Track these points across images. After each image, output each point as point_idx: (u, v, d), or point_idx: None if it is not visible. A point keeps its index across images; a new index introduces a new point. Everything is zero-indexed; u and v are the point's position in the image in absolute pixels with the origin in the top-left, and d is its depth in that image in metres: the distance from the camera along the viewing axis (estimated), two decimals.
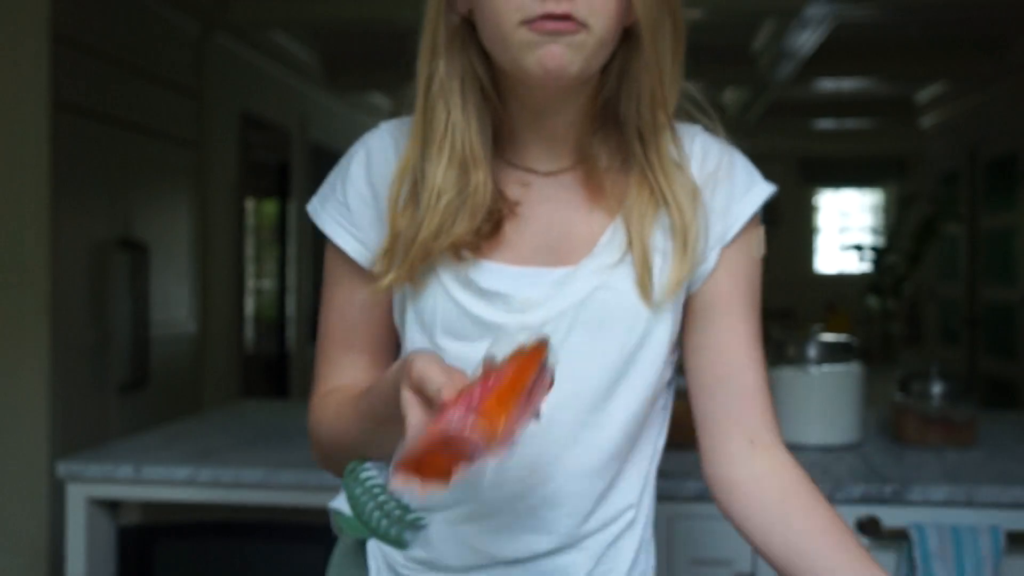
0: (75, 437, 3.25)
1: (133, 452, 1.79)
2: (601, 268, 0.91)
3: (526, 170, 0.94)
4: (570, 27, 0.82)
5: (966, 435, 1.87)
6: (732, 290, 0.94)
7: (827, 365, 1.85)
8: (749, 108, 7.02)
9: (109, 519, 1.74)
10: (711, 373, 0.95)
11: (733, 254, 0.94)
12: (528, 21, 0.82)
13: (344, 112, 6.51)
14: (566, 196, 0.94)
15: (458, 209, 0.88)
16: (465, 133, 0.89)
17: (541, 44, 0.82)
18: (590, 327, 0.91)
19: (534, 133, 0.93)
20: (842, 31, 4.85)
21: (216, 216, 4.49)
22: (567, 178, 0.94)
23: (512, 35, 0.83)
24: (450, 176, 0.88)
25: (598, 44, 0.84)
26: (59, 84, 3.18)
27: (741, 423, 0.93)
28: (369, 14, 4.47)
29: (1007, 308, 5.59)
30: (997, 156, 5.78)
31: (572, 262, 0.91)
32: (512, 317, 0.90)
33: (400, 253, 0.89)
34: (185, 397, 4.22)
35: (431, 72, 0.90)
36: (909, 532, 1.52)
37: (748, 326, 0.95)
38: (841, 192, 8.98)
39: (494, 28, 0.84)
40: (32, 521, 3.14)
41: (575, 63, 0.83)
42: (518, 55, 0.84)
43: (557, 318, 0.90)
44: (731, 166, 0.97)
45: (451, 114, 0.89)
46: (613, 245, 0.92)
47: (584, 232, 0.92)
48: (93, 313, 3.45)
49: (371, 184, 0.95)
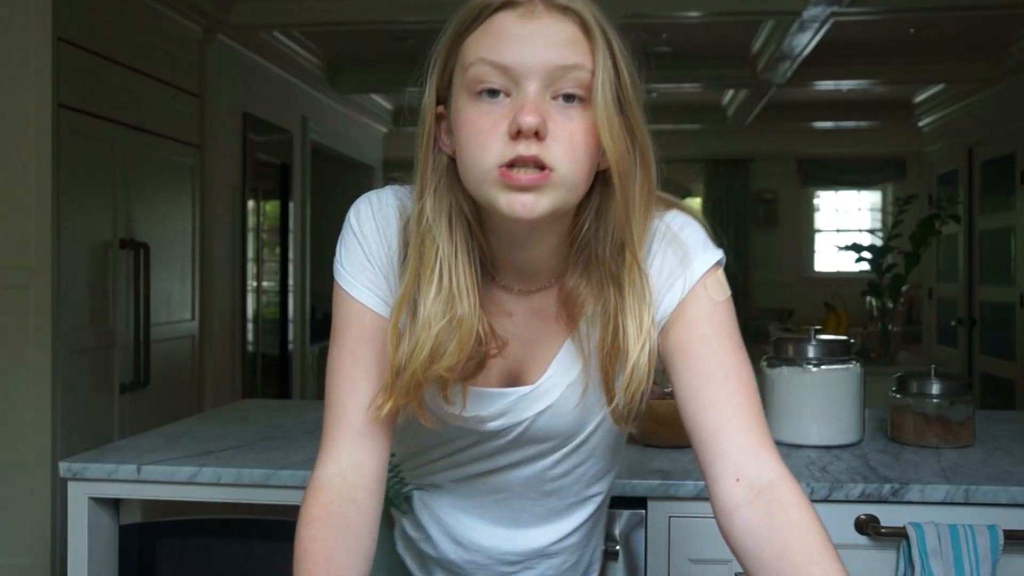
0: (77, 437, 3.26)
1: (135, 452, 1.80)
2: (552, 387, 1.02)
3: (510, 293, 1.01)
4: (536, 181, 0.88)
5: (964, 434, 1.88)
6: (692, 338, 0.98)
7: (826, 365, 1.86)
8: (749, 108, 7.03)
9: (111, 518, 1.75)
10: (685, 415, 0.97)
11: (689, 306, 0.98)
12: (502, 165, 0.88)
13: (345, 113, 6.52)
14: (537, 315, 1.02)
15: (447, 339, 0.94)
16: (453, 266, 0.95)
17: (513, 191, 0.88)
18: (539, 436, 1.04)
19: (513, 262, 1.00)
20: (841, 32, 4.86)
21: (217, 216, 4.49)
22: (540, 296, 1.01)
23: (487, 176, 0.89)
24: (438, 307, 0.94)
25: (566, 187, 0.90)
26: (62, 85, 3.19)
27: (721, 459, 0.93)
28: (369, 15, 4.48)
29: (1005, 308, 5.60)
30: (995, 156, 5.79)
31: (531, 381, 1.02)
32: (475, 425, 1.03)
33: (398, 381, 0.96)
34: (186, 397, 4.23)
35: (421, 208, 0.96)
36: (907, 531, 1.53)
37: (716, 365, 0.97)
38: (840, 192, 8.99)
39: (471, 169, 0.90)
40: (35, 520, 3.14)
41: (543, 205, 0.89)
42: (491, 196, 0.90)
43: (512, 427, 1.03)
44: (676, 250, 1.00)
45: (440, 248, 0.95)
46: (566, 363, 1.01)
47: (544, 351, 1.02)
48: (95, 313, 3.46)
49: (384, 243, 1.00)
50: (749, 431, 0.94)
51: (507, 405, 1.02)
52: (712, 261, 1.00)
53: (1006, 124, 5.60)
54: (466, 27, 0.92)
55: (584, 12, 0.90)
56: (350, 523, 0.96)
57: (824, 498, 1.57)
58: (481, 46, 0.90)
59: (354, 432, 0.99)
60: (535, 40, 0.89)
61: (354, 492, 0.98)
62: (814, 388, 1.86)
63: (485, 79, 0.89)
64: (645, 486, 1.59)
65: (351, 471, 0.98)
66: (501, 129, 0.88)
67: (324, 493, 0.97)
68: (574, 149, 0.89)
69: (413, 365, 0.94)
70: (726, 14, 4.50)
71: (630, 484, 1.59)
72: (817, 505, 1.55)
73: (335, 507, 0.96)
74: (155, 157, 3.92)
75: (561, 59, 0.88)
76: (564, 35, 0.89)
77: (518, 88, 0.89)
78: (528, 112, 0.87)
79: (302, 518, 0.96)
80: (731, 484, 0.92)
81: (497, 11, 0.91)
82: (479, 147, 0.89)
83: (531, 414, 1.03)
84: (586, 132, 0.90)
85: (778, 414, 1.89)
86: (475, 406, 1.01)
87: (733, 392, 0.95)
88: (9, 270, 3.15)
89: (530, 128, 0.86)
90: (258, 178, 5.02)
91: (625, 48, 0.93)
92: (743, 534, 0.90)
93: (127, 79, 3.67)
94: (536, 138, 0.87)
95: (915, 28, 5.18)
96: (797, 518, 0.89)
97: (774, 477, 0.91)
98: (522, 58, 0.88)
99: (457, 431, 1.05)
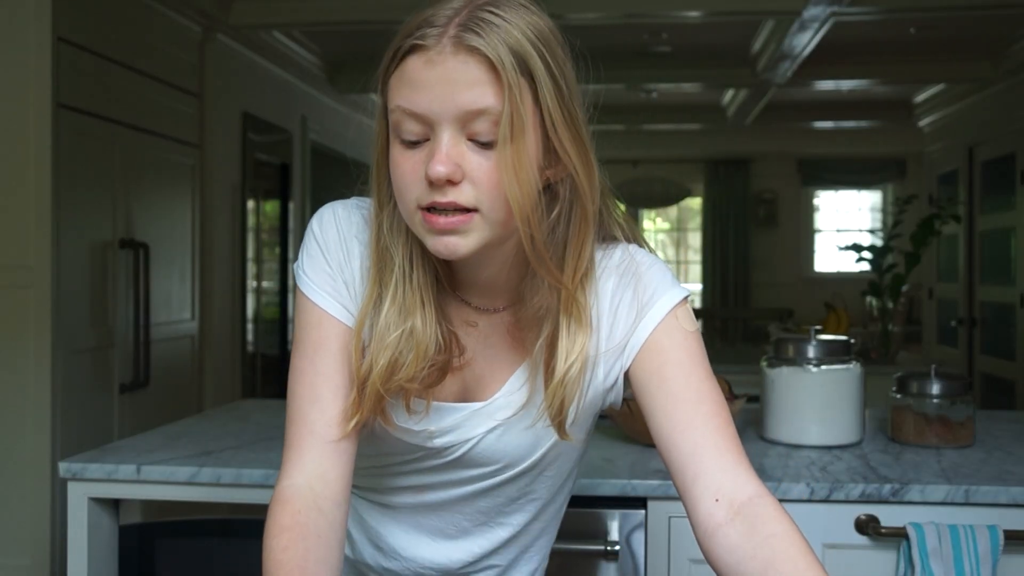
0: (77, 437, 3.26)
1: (134, 452, 1.79)
2: (504, 406, 1.01)
3: (471, 307, 1.02)
4: (456, 223, 0.88)
5: (964, 434, 1.88)
6: (666, 363, 0.98)
7: (826, 365, 1.86)
8: (749, 108, 7.03)
9: (110, 518, 1.75)
10: (660, 439, 0.97)
11: (662, 336, 0.99)
12: (422, 207, 0.89)
13: (344, 112, 6.52)
14: (496, 334, 1.02)
15: (404, 352, 0.95)
16: (409, 279, 0.96)
17: (436, 233, 0.90)
18: (482, 458, 1.03)
19: (471, 279, 1.01)
20: (841, 32, 4.86)
21: (217, 216, 4.49)
22: (499, 317, 1.02)
23: (412, 216, 0.91)
24: (392, 319, 0.95)
25: (491, 224, 0.90)
26: (61, 85, 3.19)
27: (701, 480, 0.93)
28: (369, 15, 4.48)
29: (1005, 308, 5.60)
30: (995, 156, 5.79)
31: (483, 398, 1.02)
32: (422, 440, 1.02)
33: (361, 395, 0.96)
34: (186, 397, 4.23)
35: (379, 223, 0.98)
36: (908, 531, 1.53)
37: (689, 389, 0.97)
38: (840, 192, 8.99)
39: (402, 208, 0.93)
40: (35, 520, 3.14)
41: (466, 245, 0.90)
42: (419, 234, 0.92)
43: (459, 444, 1.02)
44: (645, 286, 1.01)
45: (398, 261, 0.96)
46: (518, 385, 1.01)
47: (499, 371, 1.02)
48: (95, 313, 3.46)
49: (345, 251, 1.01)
50: (727, 451, 0.94)
51: (457, 420, 1.01)
52: (681, 296, 1.01)
53: (1006, 124, 5.60)
54: (387, 69, 0.92)
55: (492, 50, 0.86)
56: (320, 533, 0.94)
57: (824, 498, 1.57)
58: (397, 93, 0.90)
59: (318, 442, 0.98)
60: (443, 86, 0.86)
61: (321, 503, 0.96)
62: (814, 388, 1.86)
63: (403, 127, 0.89)
64: (645, 486, 1.59)
65: (317, 481, 0.97)
66: (420, 174, 0.89)
67: (292, 503, 0.95)
68: (492, 189, 0.88)
69: (373, 378, 0.95)
70: (726, 14, 4.50)
71: (630, 484, 1.59)
72: (817, 505, 1.57)
73: (304, 517, 0.94)
74: (155, 157, 3.92)
75: (468, 103, 0.86)
76: (470, 77, 0.86)
77: (434, 134, 0.88)
78: (438, 162, 0.87)
79: (270, 529, 0.95)
80: (711, 504, 0.91)
81: (407, 55, 0.89)
82: (402, 190, 0.91)
83: (480, 432, 1.01)
84: (495, 174, 0.88)
85: (778, 414, 1.89)
86: (423, 421, 1.00)
87: (709, 415, 0.95)
88: (9, 270, 3.15)
89: (439, 178, 0.87)
90: (258, 178, 5.02)
91: (561, 63, 0.90)
92: (726, 552, 0.89)
93: (127, 79, 3.67)
94: (450, 184, 0.87)
95: (915, 28, 5.18)
96: (781, 531, 0.88)
97: (753, 494, 0.91)
98: (431, 104, 0.87)
99: (401, 445, 1.03)
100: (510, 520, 1.10)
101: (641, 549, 1.60)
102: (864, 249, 4.23)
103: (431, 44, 0.87)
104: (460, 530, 1.10)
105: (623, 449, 1.83)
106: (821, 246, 8.90)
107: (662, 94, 6.91)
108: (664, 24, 4.99)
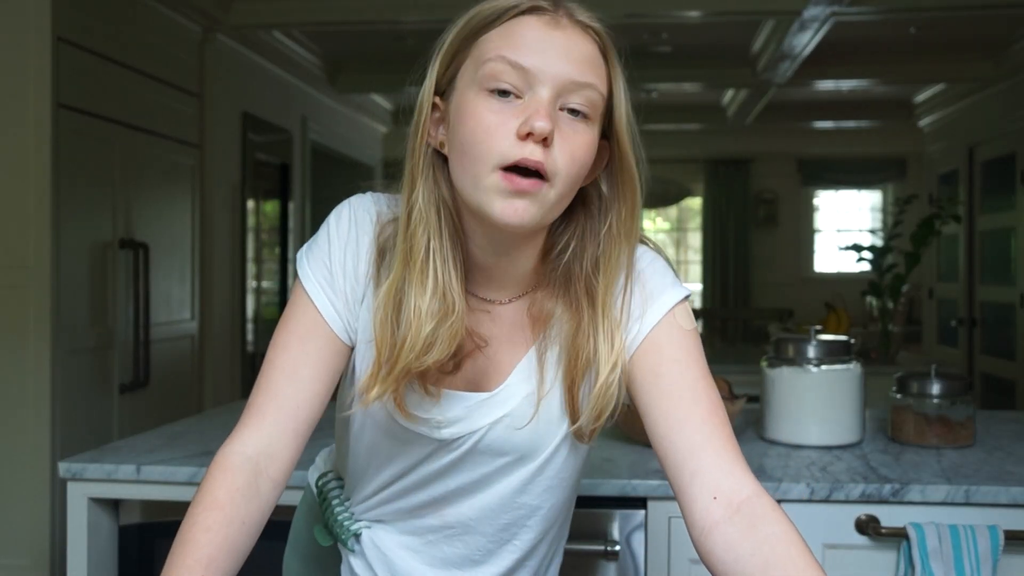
0: (77, 437, 3.26)
1: (134, 452, 1.79)
2: (511, 397, 1.00)
3: (478, 298, 1.02)
4: (535, 186, 0.89)
5: (964, 435, 1.88)
6: (663, 361, 0.98)
7: (826, 365, 1.86)
8: (749, 108, 7.03)
9: (110, 518, 1.75)
10: (657, 437, 0.97)
11: (660, 334, 0.99)
12: (504, 167, 0.88)
13: (344, 112, 6.52)
14: (507, 323, 1.02)
15: (438, 336, 0.94)
16: (444, 261, 0.95)
17: (508, 195, 0.89)
18: (493, 448, 1.02)
19: (488, 268, 1.00)
20: (841, 32, 4.86)
21: (217, 216, 4.49)
22: (504, 309, 1.02)
23: (485, 177, 0.90)
24: (433, 306, 0.94)
25: (557, 198, 0.91)
26: (61, 84, 3.19)
27: (699, 478, 0.93)
28: (369, 15, 4.48)
29: (1005, 308, 5.60)
30: (995, 156, 5.79)
31: (490, 388, 1.01)
32: (430, 430, 1.01)
33: (384, 371, 0.95)
34: (186, 397, 4.23)
35: (412, 201, 0.96)
36: (908, 531, 1.53)
37: (685, 388, 0.97)
38: (840, 192, 8.99)
39: (470, 164, 0.90)
40: (34, 520, 3.14)
41: (533, 217, 0.90)
42: (485, 198, 0.90)
43: (468, 435, 1.01)
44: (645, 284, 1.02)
45: (431, 241, 0.95)
46: (526, 374, 1.01)
47: (506, 361, 1.01)
48: (94, 313, 3.46)
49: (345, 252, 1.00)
50: (724, 450, 0.94)
51: (464, 411, 1.01)
52: (681, 295, 1.02)
53: (1006, 124, 5.60)
54: (485, 24, 0.93)
55: (605, 35, 0.94)
56: (245, 519, 0.94)
57: (824, 498, 1.57)
58: (502, 44, 0.90)
59: (283, 417, 0.97)
60: (556, 49, 0.90)
61: (261, 482, 0.96)
62: (814, 388, 1.86)
63: (501, 77, 0.89)
64: (645, 486, 1.59)
65: (264, 457, 0.97)
66: (509, 127, 0.88)
67: (236, 476, 0.95)
68: (574, 161, 0.90)
69: (407, 357, 0.94)
70: (726, 14, 4.50)
71: (630, 484, 1.59)
72: (817, 505, 1.57)
73: (240, 496, 0.94)
74: (155, 157, 3.92)
75: (577, 74, 0.90)
76: (584, 52, 0.91)
77: (532, 92, 0.89)
78: (542, 116, 0.87)
79: (203, 498, 0.94)
80: (709, 502, 0.91)
81: (522, 14, 0.91)
82: (485, 142, 0.89)
83: (487, 422, 1.01)
84: (587, 147, 0.92)
85: (778, 414, 1.89)
86: (433, 408, 1.00)
87: (707, 414, 0.96)
88: (9, 270, 3.14)
89: (542, 132, 0.87)
90: (258, 178, 5.02)
91: (627, 90, 0.96)
92: (724, 550, 0.89)
93: (127, 79, 3.67)
94: (543, 144, 0.88)
95: (915, 28, 5.18)
96: (780, 531, 0.88)
97: (751, 493, 0.91)
98: (542, 64, 0.89)
99: (411, 439, 1.02)
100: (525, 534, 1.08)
101: (641, 549, 1.60)
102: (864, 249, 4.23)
103: (551, 10, 0.92)
104: (485, 552, 1.08)
105: (623, 449, 1.83)
106: (821, 246, 8.89)
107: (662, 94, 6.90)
108: (664, 24, 4.99)
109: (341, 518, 1.13)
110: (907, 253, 4.09)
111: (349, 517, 1.13)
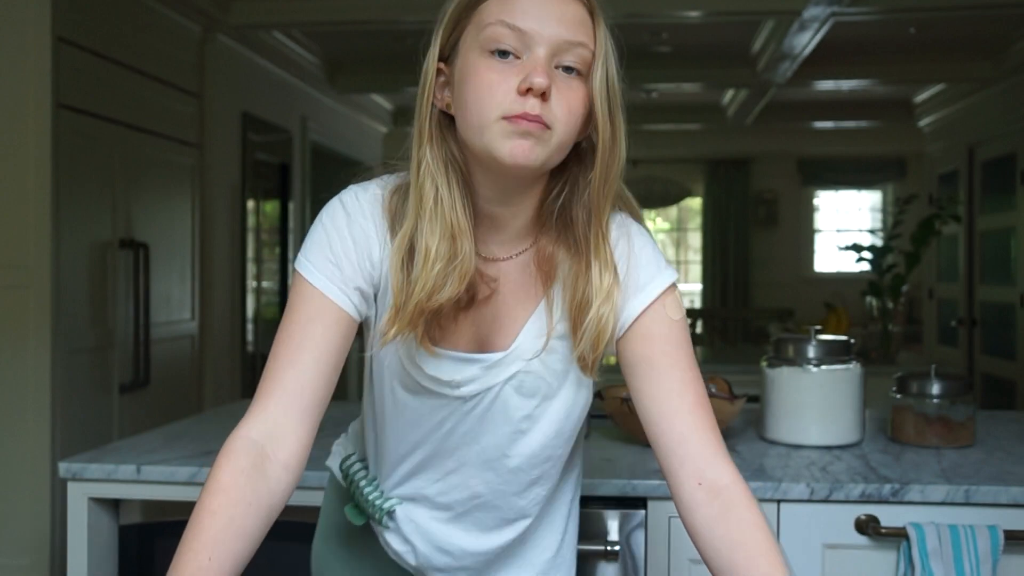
0: (77, 437, 3.26)
1: (134, 452, 1.79)
2: (524, 352, 1.08)
3: (481, 257, 1.08)
4: (540, 127, 0.97)
5: (964, 435, 1.88)
6: (654, 354, 1.07)
7: (826, 365, 1.86)
8: (749, 108, 7.03)
9: (110, 518, 1.75)
10: (648, 422, 1.07)
11: (650, 323, 1.08)
12: (507, 116, 0.97)
13: (344, 112, 6.52)
14: (512, 280, 1.09)
15: (448, 275, 1.02)
16: (452, 207, 1.02)
17: (514, 136, 0.97)
18: (511, 401, 1.09)
19: (492, 218, 1.07)
20: (841, 32, 4.86)
21: (217, 216, 4.49)
22: (509, 265, 1.09)
23: (491, 126, 0.98)
24: (443, 247, 1.01)
25: (558, 144, 1.00)
26: (61, 85, 3.19)
27: (686, 465, 1.04)
28: (369, 15, 4.48)
29: (1005, 308, 5.60)
30: (995, 156, 5.79)
31: (501, 347, 1.08)
32: (450, 390, 1.08)
33: (400, 312, 1.02)
34: (186, 397, 4.23)
35: (420, 157, 1.04)
36: (908, 531, 1.53)
37: (674, 379, 1.06)
38: (840, 192, 8.99)
39: (475, 117, 0.99)
40: (34, 520, 3.14)
41: (539, 156, 0.98)
42: (492, 142, 0.98)
43: (485, 391, 1.08)
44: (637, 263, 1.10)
45: (439, 190, 1.03)
46: (535, 329, 1.08)
47: (515, 317, 1.09)
48: (94, 313, 3.46)
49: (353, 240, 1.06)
50: (708, 441, 1.05)
51: (480, 370, 1.07)
52: (670, 280, 1.10)
53: (1006, 124, 5.60)
54: None
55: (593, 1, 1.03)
56: (252, 500, 0.96)
57: (824, 498, 1.57)
58: (501, 10, 0.99)
59: (286, 400, 1.01)
60: (550, 13, 0.99)
61: (268, 466, 0.98)
62: (814, 388, 1.86)
63: (501, 39, 0.98)
64: (645, 486, 1.59)
65: (271, 441, 0.99)
66: (510, 84, 0.97)
67: (239, 458, 0.97)
68: (571, 113, 0.99)
69: (417, 297, 1.01)
70: (726, 14, 4.50)
71: (630, 484, 1.59)
72: (817, 505, 1.57)
73: (243, 478, 0.96)
74: (155, 157, 3.92)
75: (570, 34, 0.99)
76: (575, 15, 1.00)
77: (529, 52, 0.98)
78: (539, 73, 0.96)
79: (209, 484, 0.96)
80: (694, 487, 1.03)
81: None
82: (488, 97, 0.97)
83: (502, 378, 1.08)
84: (581, 101, 1.00)
85: (778, 414, 1.89)
86: (448, 370, 1.07)
87: (693, 405, 1.06)
88: (8, 270, 3.15)
89: (540, 87, 0.96)
90: (258, 178, 5.02)
91: (613, 48, 1.04)
92: (703, 528, 1.02)
93: (127, 79, 3.67)
94: (542, 99, 0.97)
95: (915, 28, 5.18)
96: (749, 517, 1.01)
97: (729, 481, 1.03)
98: (538, 26, 0.98)
99: (432, 401, 1.09)
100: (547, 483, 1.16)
101: (641, 549, 1.60)
102: (864, 249, 4.23)
103: None
104: (517, 511, 1.15)
105: (623, 449, 1.83)
106: (821, 246, 8.89)
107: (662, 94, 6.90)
108: (664, 24, 4.99)
109: (372, 497, 1.18)
110: (907, 253, 4.09)
111: (380, 496, 1.18)
